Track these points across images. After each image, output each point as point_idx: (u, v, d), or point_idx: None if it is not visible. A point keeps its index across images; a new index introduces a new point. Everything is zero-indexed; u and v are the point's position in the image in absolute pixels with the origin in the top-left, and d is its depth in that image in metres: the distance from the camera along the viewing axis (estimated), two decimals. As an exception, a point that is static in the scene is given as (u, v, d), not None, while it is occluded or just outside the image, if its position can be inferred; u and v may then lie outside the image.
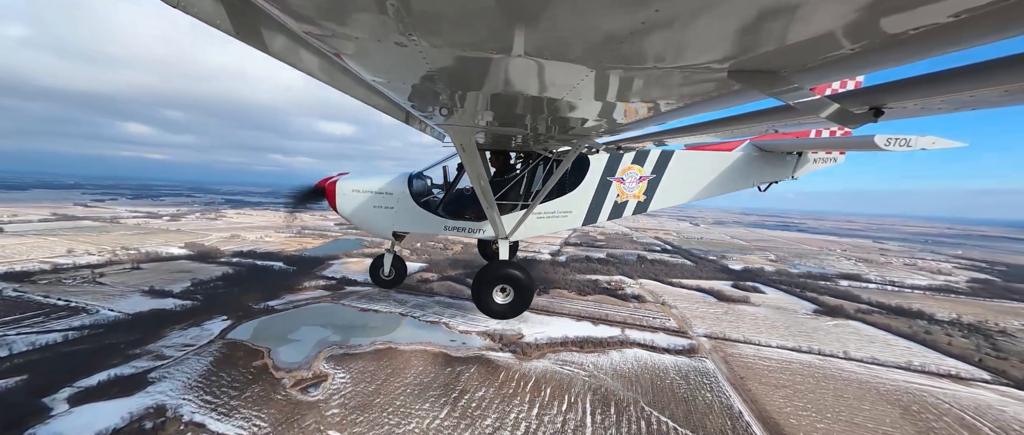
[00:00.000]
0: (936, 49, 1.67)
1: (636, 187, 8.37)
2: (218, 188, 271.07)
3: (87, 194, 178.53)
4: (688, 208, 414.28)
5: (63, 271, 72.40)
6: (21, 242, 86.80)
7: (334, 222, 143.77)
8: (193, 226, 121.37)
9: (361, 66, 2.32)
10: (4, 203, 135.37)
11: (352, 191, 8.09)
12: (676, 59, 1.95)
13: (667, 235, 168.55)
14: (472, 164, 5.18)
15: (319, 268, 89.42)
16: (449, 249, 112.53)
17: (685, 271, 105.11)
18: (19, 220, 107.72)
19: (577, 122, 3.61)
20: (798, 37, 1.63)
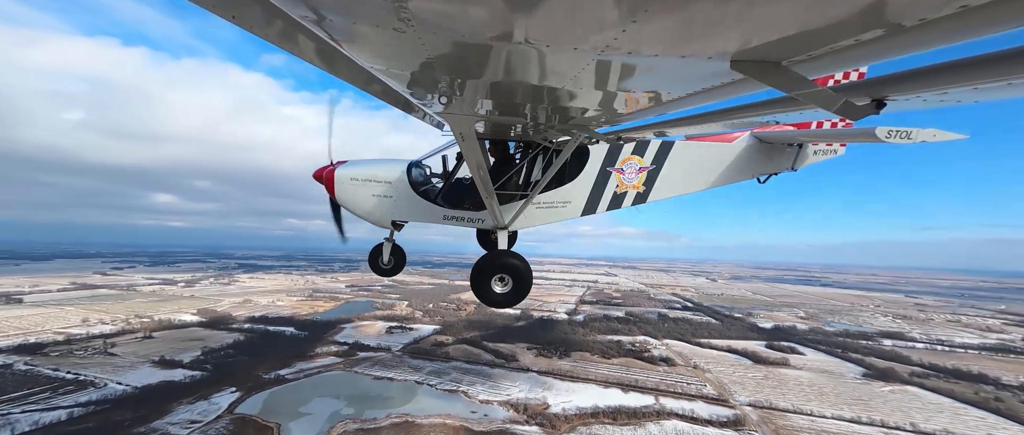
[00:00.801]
0: (941, 40, 1.65)
1: (636, 178, 8.35)
2: (233, 252, 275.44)
3: (107, 263, 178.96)
4: (702, 262, 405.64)
5: (76, 342, 71.43)
6: (39, 313, 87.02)
7: (346, 285, 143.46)
8: (207, 292, 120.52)
9: (359, 52, 2.31)
10: (27, 274, 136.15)
11: (350, 179, 7.99)
12: (678, 48, 1.93)
13: (685, 292, 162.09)
14: (471, 153, 5.16)
15: (331, 333, 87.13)
16: (462, 309, 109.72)
17: (711, 330, 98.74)
18: (39, 290, 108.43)
19: (577, 112, 3.58)
20: (802, 27, 1.61)
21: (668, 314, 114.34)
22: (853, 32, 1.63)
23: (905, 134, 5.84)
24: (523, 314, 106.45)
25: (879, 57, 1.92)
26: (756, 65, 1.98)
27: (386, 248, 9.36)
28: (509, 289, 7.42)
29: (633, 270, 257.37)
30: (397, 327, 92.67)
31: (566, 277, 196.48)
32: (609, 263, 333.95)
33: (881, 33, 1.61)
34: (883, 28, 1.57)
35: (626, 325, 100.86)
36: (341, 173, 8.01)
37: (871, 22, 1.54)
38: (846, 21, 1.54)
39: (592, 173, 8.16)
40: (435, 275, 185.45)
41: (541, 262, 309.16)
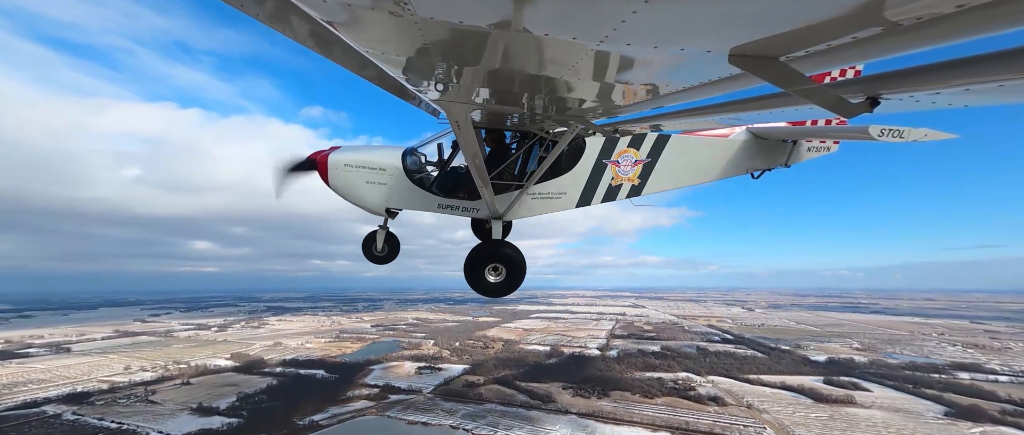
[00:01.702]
0: (937, 39, 1.66)
1: (631, 170, 8.35)
2: (261, 296, 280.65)
3: (146, 310, 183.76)
4: (734, 291, 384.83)
5: (119, 390, 73.50)
6: (85, 361, 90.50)
7: (371, 324, 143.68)
8: (239, 335, 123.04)
9: (354, 35, 2.26)
10: (74, 323, 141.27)
11: (344, 165, 7.90)
12: (678, 41, 1.94)
13: (721, 322, 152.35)
14: (467, 142, 5.14)
15: (361, 375, 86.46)
16: (490, 347, 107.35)
17: (759, 364, 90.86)
18: (85, 339, 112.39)
19: (575, 102, 3.57)
20: (800, 23, 1.63)
21: (708, 348, 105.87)
22: (850, 29, 1.64)
23: (898, 133, 5.90)
24: (553, 351, 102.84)
25: (875, 55, 1.94)
26: (753, 60, 1.99)
27: (380, 236, 9.11)
28: (503, 279, 7.45)
29: (661, 301, 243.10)
30: (426, 368, 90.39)
31: (591, 310, 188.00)
32: (635, 294, 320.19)
33: (878, 31, 1.62)
34: (880, 26, 1.58)
35: (664, 360, 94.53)
36: (335, 158, 7.90)
37: (869, 20, 1.55)
38: (844, 18, 1.55)
39: (588, 165, 8.17)
40: (458, 311, 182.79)
41: (563, 295, 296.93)
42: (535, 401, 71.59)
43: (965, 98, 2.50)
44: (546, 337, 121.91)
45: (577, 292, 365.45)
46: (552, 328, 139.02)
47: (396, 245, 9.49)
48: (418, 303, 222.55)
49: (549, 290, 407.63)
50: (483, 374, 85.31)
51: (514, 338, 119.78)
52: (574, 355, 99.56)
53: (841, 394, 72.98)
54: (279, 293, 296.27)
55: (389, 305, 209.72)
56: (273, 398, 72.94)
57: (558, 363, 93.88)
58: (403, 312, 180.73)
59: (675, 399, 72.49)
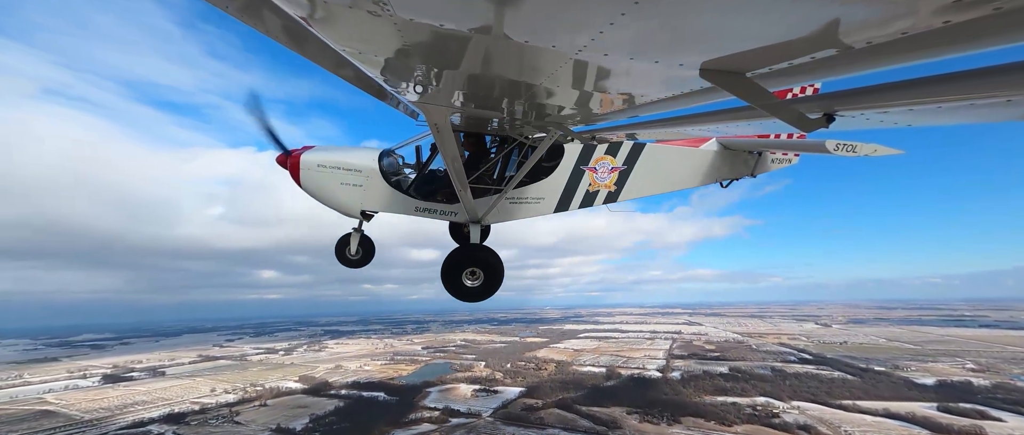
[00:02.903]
0: (886, 62, 1.86)
1: (608, 177, 8.50)
2: (318, 320, 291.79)
3: (222, 335, 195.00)
4: (803, 304, 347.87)
5: (208, 411, 79.05)
6: (178, 384, 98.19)
7: (421, 346, 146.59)
8: (304, 359, 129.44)
9: (330, 33, 2.22)
10: (165, 348, 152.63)
11: (318, 166, 7.69)
12: (652, 54, 2.04)
13: (794, 340, 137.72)
14: (446, 145, 5.11)
15: (419, 397, 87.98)
16: (543, 368, 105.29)
17: (851, 388, 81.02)
18: (176, 363, 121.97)
19: (554, 109, 3.63)
20: (763, 41, 1.76)
21: (784, 369, 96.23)
22: (809, 50, 1.78)
23: (851, 147, 6.25)
24: (610, 372, 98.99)
25: (831, 74, 2.12)
26: (722, 75, 2.12)
27: (354, 239, 8.84)
28: (480, 283, 7.39)
29: (719, 317, 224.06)
30: (482, 390, 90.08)
31: (643, 329, 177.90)
32: (688, 310, 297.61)
33: (834, 53, 1.78)
34: (836, 48, 1.73)
35: (736, 383, 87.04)
36: (308, 159, 7.67)
37: (826, 42, 1.69)
38: (803, 39, 1.68)
39: (566, 171, 8.27)
40: (504, 332, 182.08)
41: (610, 313, 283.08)
42: (600, 427, 68.25)
43: (909, 117, 2.71)
44: (599, 358, 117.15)
45: (624, 309, 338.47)
46: (604, 348, 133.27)
47: (371, 248, 9.20)
48: (463, 324, 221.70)
49: (594, 308, 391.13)
50: (541, 397, 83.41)
51: (566, 359, 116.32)
52: (633, 377, 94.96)
53: (966, 425, 62.71)
54: (334, 317, 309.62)
55: (436, 327, 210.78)
56: (342, 420, 75.20)
57: (618, 386, 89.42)
58: (450, 334, 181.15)
59: (757, 427, 66.09)
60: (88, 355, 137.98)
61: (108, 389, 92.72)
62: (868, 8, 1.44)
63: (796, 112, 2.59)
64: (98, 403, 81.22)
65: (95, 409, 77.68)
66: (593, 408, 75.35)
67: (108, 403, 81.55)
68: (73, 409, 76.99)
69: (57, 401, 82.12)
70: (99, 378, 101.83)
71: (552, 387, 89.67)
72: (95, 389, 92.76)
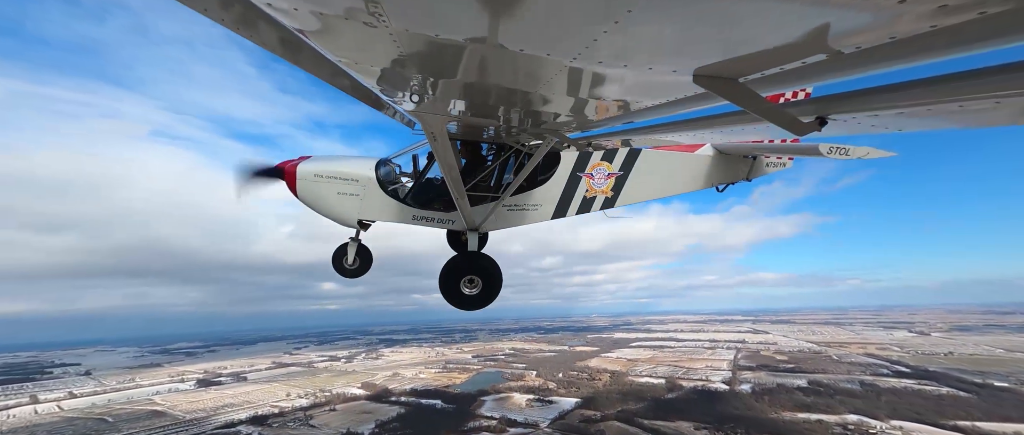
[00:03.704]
0: (875, 66, 1.89)
1: (605, 183, 8.53)
2: (372, 329, 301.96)
3: (290, 344, 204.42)
4: (889, 309, 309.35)
5: (286, 414, 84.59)
6: (258, 388, 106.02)
7: (472, 355, 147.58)
8: (363, 366, 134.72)
9: (326, 44, 2.24)
10: (244, 356, 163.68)
11: (314, 175, 7.69)
12: (646, 60, 2.06)
13: (885, 350, 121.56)
14: (443, 153, 5.12)
15: (475, 405, 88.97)
16: (596, 379, 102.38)
17: (967, 407, 70.13)
18: (255, 369, 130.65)
19: (550, 116, 3.65)
20: (754, 48, 1.79)
21: (877, 383, 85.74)
22: (800, 55, 1.82)
23: (844, 150, 6.39)
24: (670, 384, 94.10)
25: (822, 78, 2.14)
26: (715, 80, 2.15)
27: (351, 249, 8.82)
28: (478, 291, 7.35)
29: (789, 325, 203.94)
30: (536, 400, 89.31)
31: (701, 338, 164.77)
32: (751, 317, 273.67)
33: (824, 58, 1.81)
34: (825, 53, 1.77)
35: (820, 398, 78.38)
36: (304, 169, 7.67)
37: (815, 47, 1.73)
38: (794, 45, 1.72)
39: (562, 177, 8.29)
40: (552, 341, 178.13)
41: (661, 320, 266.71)
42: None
43: (899, 122, 2.75)
44: (656, 368, 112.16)
45: (677, 317, 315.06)
46: (660, 358, 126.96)
47: (368, 258, 9.15)
48: (510, 333, 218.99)
49: (644, 316, 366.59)
50: (598, 409, 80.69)
51: (620, 369, 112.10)
52: (697, 389, 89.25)
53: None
54: (387, 326, 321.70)
55: (484, 335, 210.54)
56: (405, 426, 77.70)
57: (681, 398, 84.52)
58: (498, 342, 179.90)
59: (856, 451, 59.29)
60: (183, 361, 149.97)
61: (202, 392, 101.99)
62: (857, 14, 1.46)
63: (789, 116, 2.61)
64: (196, 405, 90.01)
65: (194, 410, 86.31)
66: (656, 422, 71.36)
67: (203, 405, 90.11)
68: (176, 410, 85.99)
69: (163, 402, 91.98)
70: (194, 382, 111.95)
71: (610, 398, 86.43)
72: (192, 392, 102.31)
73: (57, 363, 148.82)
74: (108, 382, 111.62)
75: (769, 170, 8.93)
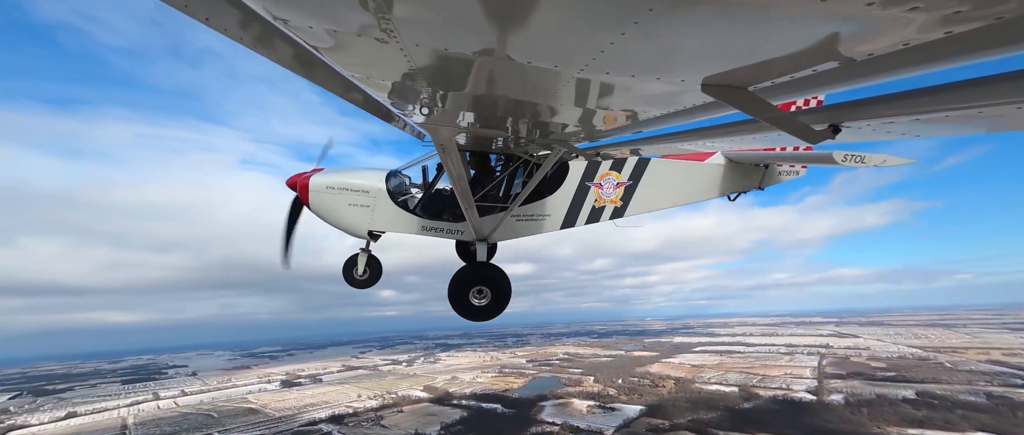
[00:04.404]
0: (888, 73, 1.86)
1: (614, 193, 8.51)
2: (428, 334, 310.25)
3: (356, 348, 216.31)
4: (1013, 308, 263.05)
5: (359, 414, 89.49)
6: (332, 389, 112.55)
7: (526, 359, 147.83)
8: (423, 370, 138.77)
9: (339, 60, 2.30)
10: (317, 359, 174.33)
11: (326, 188, 7.82)
12: (653, 70, 2.07)
13: (1014, 356, 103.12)
14: (452, 164, 5.17)
15: (535, 410, 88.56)
16: (659, 386, 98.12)
17: None
18: (327, 372, 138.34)
19: (558, 127, 3.68)
20: (765, 56, 1.78)
21: (1009, 396, 73.77)
22: (811, 63, 1.80)
23: (859, 158, 6.29)
24: (745, 392, 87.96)
25: (834, 86, 2.11)
26: (724, 90, 2.13)
27: (361, 259, 8.92)
28: (487, 302, 7.30)
29: (881, 327, 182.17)
30: (598, 406, 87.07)
31: (775, 342, 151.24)
32: (833, 318, 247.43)
33: (835, 65, 1.78)
34: (837, 61, 1.74)
35: (935, 412, 68.70)
36: (316, 181, 7.82)
37: (827, 55, 1.70)
38: (804, 52, 1.70)
39: (571, 187, 8.27)
40: (607, 346, 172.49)
41: (726, 323, 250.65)
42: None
43: (916, 128, 2.71)
44: (726, 375, 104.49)
45: (744, 319, 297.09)
46: (728, 364, 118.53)
47: (378, 269, 9.24)
48: (562, 337, 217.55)
49: (705, 318, 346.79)
50: (666, 417, 76.66)
51: (684, 376, 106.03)
52: (777, 399, 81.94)
53: None
54: (441, 331, 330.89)
55: (535, 340, 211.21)
56: (468, 430, 79.28)
57: (760, 409, 77.92)
58: (551, 347, 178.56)
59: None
60: (268, 364, 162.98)
61: (286, 392, 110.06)
62: (868, 21, 1.44)
63: (801, 124, 2.58)
64: (283, 403, 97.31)
65: (282, 408, 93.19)
66: (734, 433, 66.72)
67: (288, 404, 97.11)
68: (268, 408, 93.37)
69: (255, 401, 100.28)
70: (278, 383, 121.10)
71: (677, 407, 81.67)
72: (277, 392, 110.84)
73: (170, 365, 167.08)
74: (210, 382, 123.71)
75: (782, 178, 8.83)
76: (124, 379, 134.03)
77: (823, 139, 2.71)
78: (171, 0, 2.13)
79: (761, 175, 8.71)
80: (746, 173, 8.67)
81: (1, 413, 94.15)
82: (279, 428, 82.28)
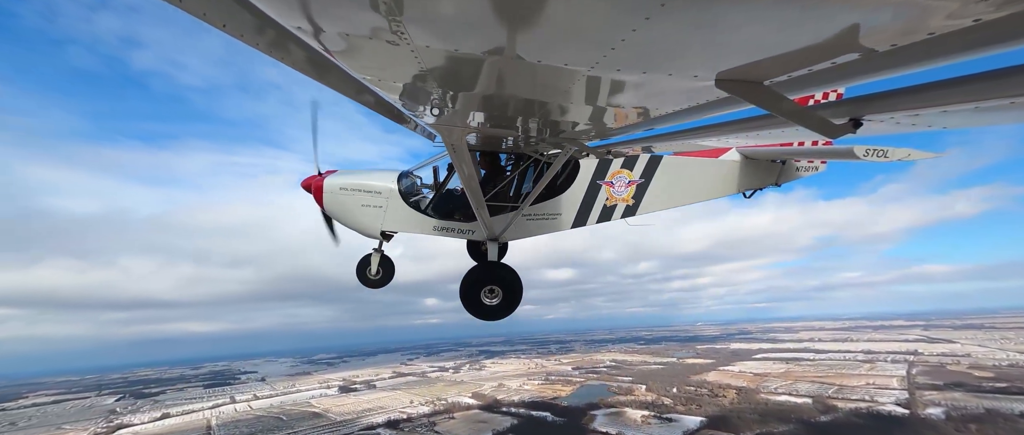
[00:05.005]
0: (913, 64, 1.78)
1: (625, 191, 8.42)
2: (470, 341, 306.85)
3: (404, 355, 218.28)
4: None
5: (413, 419, 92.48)
6: (386, 395, 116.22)
7: (571, 367, 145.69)
8: (470, 376, 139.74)
9: (352, 63, 2.34)
10: (369, 366, 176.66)
11: (340, 189, 7.96)
12: (666, 66, 2.03)
13: None
14: (462, 164, 5.21)
15: (586, 420, 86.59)
16: (719, 396, 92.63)
17: None
18: (380, 378, 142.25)
19: (568, 125, 3.65)
20: (781, 49, 1.72)
21: None
22: (830, 55, 1.73)
23: (882, 153, 6.19)
24: (820, 404, 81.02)
25: (855, 79, 2.05)
26: (739, 84, 2.08)
27: (374, 259, 8.99)
28: (499, 301, 7.31)
29: (982, 330, 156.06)
30: (654, 417, 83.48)
31: (850, 348, 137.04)
32: (919, 321, 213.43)
33: (856, 57, 1.70)
34: (858, 52, 1.67)
35: None
36: (330, 183, 7.98)
37: (847, 46, 1.64)
38: (823, 45, 1.64)
39: (582, 186, 8.21)
40: (656, 352, 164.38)
41: (790, 328, 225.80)
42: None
43: (943, 120, 2.60)
44: (795, 384, 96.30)
45: (810, 323, 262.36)
46: (796, 372, 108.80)
47: (391, 268, 9.34)
48: (607, 343, 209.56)
49: (763, 323, 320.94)
50: (731, 430, 72.80)
51: (747, 385, 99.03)
52: (861, 412, 74.33)
53: None
54: (483, 338, 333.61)
55: (579, 346, 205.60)
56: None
57: (841, 423, 71.60)
58: (596, 354, 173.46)
59: None
60: (325, 370, 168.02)
61: (344, 397, 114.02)
62: (891, 10, 1.39)
63: (820, 118, 2.52)
64: (343, 408, 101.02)
65: (343, 413, 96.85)
66: None
67: (347, 409, 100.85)
68: (330, 413, 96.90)
69: (318, 405, 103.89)
70: (337, 389, 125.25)
71: (743, 419, 76.51)
72: (336, 397, 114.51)
73: (242, 371, 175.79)
74: (277, 387, 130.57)
75: (800, 174, 8.62)
76: (205, 383, 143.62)
77: (843, 134, 2.62)
78: (190, 8, 2.20)
79: (778, 171, 8.53)
80: (762, 169, 8.50)
81: (111, 413, 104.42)
82: (341, 432, 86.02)
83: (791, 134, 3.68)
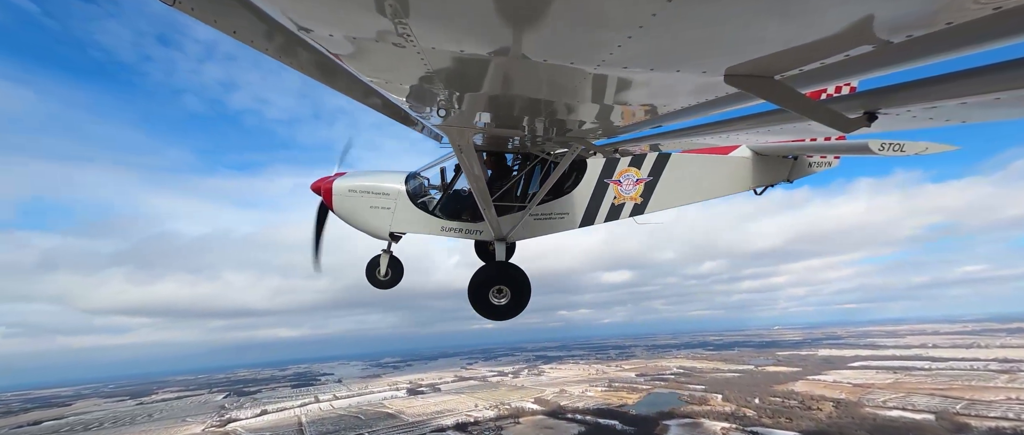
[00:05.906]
0: (929, 55, 1.71)
1: (633, 189, 8.36)
2: (526, 346, 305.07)
3: (463, 359, 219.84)
4: None
5: (480, 423, 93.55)
6: (450, 398, 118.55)
7: (635, 373, 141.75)
8: (530, 382, 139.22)
9: (359, 66, 2.36)
10: (432, 369, 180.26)
11: (349, 191, 8.01)
12: (673, 63, 1.99)
13: None
14: (469, 165, 5.20)
15: (659, 430, 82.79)
16: (813, 408, 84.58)
17: None
18: (443, 381, 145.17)
19: (575, 124, 3.61)
20: (792, 43, 1.69)
21: None
22: (843, 48, 1.68)
23: (898, 147, 6.12)
24: (947, 421, 71.13)
25: (869, 72, 1.99)
26: (749, 79, 2.03)
27: (383, 260, 9.06)
28: (507, 301, 7.30)
29: None
30: (737, 430, 77.43)
31: (979, 355, 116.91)
32: None
33: (870, 49, 1.66)
34: (872, 44, 1.62)
35: None
36: (340, 185, 8.05)
37: (860, 38, 1.59)
38: (836, 37, 1.60)
39: (590, 184, 8.17)
40: (728, 359, 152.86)
41: (892, 331, 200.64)
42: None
43: (962, 113, 2.53)
44: (909, 398, 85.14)
45: (919, 326, 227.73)
46: (908, 383, 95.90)
47: (400, 269, 9.39)
48: (672, 349, 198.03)
49: (856, 326, 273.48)
50: None
51: (846, 397, 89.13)
52: (1007, 432, 65.16)
53: None
54: (538, 343, 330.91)
55: (641, 352, 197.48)
56: None
57: None
58: (660, 360, 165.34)
59: None
60: (393, 373, 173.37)
61: (413, 399, 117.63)
62: (906, 0, 1.35)
63: (833, 113, 2.44)
64: (413, 410, 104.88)
65: (414, 414, 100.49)
66: None
67: (416, 410, 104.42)
68: (403, 414, 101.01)
69: (390, 406, 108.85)
70: (405, 391, 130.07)
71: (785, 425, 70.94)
72: (405, 399, 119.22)
73: (321, 373, 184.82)
74: (353, 388, 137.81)
75: (813, 170, 8.50)
76: (292, 383, 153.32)
77: (858, 128, 2.54)
78: (201, 16, 2.25)
79: (790, 167, 8.43)
80: (774, 165, 8.42)
81: (221, 408, 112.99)
82: (415, 432, 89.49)
83: (803, 129, 3.60)
